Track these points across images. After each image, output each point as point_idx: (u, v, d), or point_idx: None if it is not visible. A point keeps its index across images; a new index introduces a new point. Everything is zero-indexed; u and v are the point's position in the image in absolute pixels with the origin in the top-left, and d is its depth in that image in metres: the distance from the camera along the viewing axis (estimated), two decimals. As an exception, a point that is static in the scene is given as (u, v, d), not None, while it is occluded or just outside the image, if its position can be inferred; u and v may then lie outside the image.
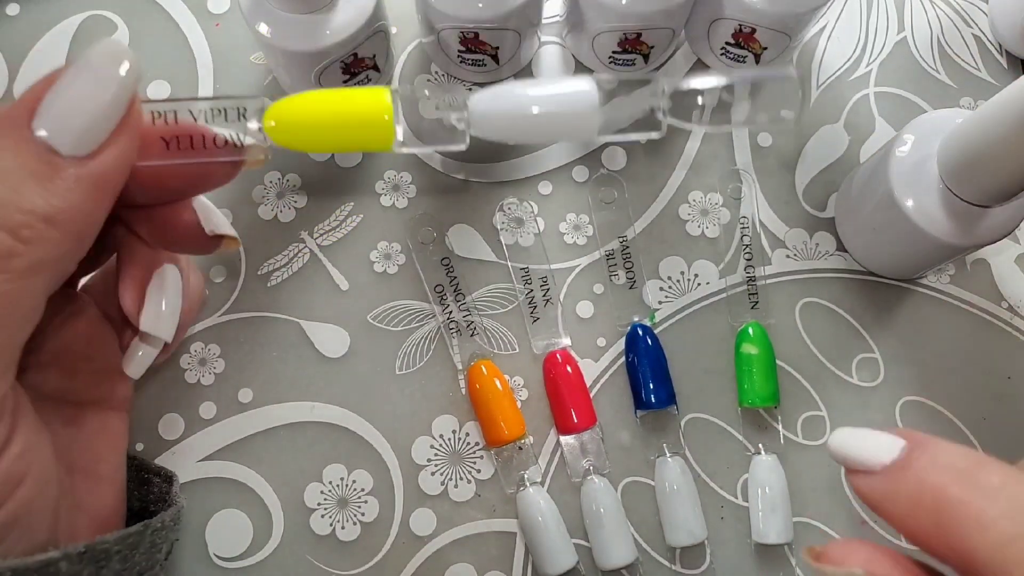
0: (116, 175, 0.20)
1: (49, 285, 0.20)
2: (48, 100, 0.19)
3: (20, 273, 0.19)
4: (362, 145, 0.22)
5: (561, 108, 0.22)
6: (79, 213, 0.20)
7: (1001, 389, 0.37)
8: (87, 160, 0.20)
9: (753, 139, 0.40)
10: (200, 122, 0.22)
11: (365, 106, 0.22)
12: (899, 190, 0.32)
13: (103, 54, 0.20)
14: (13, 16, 0.41)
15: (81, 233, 0.20)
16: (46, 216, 0.19)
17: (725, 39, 0.38)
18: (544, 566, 0.33)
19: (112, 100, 0.20)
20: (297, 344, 0.37)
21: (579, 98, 0.22)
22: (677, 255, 0.38)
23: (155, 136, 0.22)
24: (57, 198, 0.19)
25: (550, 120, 0.22)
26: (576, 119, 0.22)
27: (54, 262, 0.20)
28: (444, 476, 0.35)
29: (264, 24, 0.34)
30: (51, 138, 0.19)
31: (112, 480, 0.27)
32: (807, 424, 0.36)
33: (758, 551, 0.35)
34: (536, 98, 0.22)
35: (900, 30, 0.42)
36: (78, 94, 0.20)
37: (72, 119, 0.19)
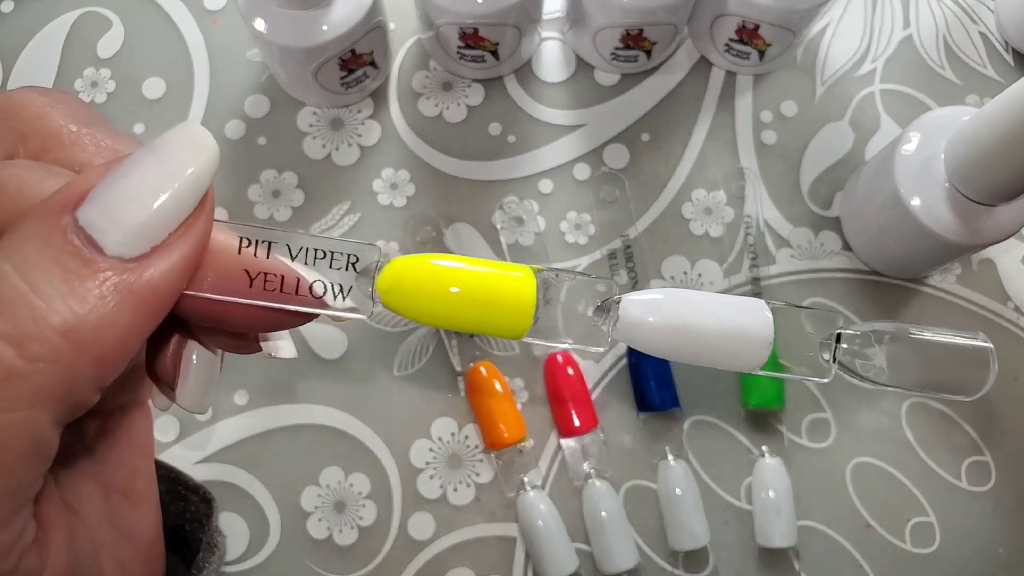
0: (166, 291, 0.16)
1: (59, 416, 0.16)
2: (105, 183, 0.15)
3: (19, 403, 0.15)
4: (489, 331, 0.19)
5: (731, 338, 0.19)
6: (109, 329, 0.15)
7: (1007, 390, 0.36)
8: (133, 264, 0.15)
9: (757, 137, 0.39)
10: (298, 262, 0.18)
11: (509, 293, 0.19)
12: (905, 189, 0.32)
13: (179, 138, 0.16)
14: (7, 13, 0.41)
15: (107, 358, 0.15)
16: (65, 328, 0.15)
17: (728, 35, 0.37)
18: (545, 571, 0.33)
19: (181, 196, 0.16)
20: (294, 346, 0.36)
21: (753, 329, 0.19)
22: (680, 254, 0.38)
23: (239, 268, 0.18)
24: (84, 306, 0.15)
25: (712, 348, 0.19)
26: (745, 351, 0.19)
27: (65, 388, 0.15)
28: (443, 480, 0.35)
29: (261, 20, 0.33)
30: (94, 227, 0.15)
31: (149, 495, 0.23)
32: (812, 427, 0.36)
33: (762, 555, 0.34)
34: (708, 316, 0.19)
35: (905, 27, 0.42)
36: (139, 180, 0.16)
37: (125, 209, 0.15)
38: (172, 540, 0.28)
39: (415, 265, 0.19)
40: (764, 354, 0.19)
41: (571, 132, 0.39)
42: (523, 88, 0.40)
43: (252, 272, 0.18)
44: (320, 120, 0.39)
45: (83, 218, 0.15)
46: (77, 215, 0.15)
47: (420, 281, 0.19)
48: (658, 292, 0.19)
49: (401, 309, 0.19)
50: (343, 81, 0.37)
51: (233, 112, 0.39)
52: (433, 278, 0.18)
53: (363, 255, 0.19)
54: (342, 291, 0.18)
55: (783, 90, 0.40)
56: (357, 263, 0.18)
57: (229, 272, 0.18)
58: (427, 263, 0.19)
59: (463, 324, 0.19)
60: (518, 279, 0.19)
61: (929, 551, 0.35)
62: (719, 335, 0.18)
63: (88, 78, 0.40)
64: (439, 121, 0.39)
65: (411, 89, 0.40)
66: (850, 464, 0.35)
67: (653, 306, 0.19)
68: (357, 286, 0.18)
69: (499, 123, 0.39)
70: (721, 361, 0.19)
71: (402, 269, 0.19)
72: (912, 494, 0.35)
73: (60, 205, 0.15)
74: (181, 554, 0.28)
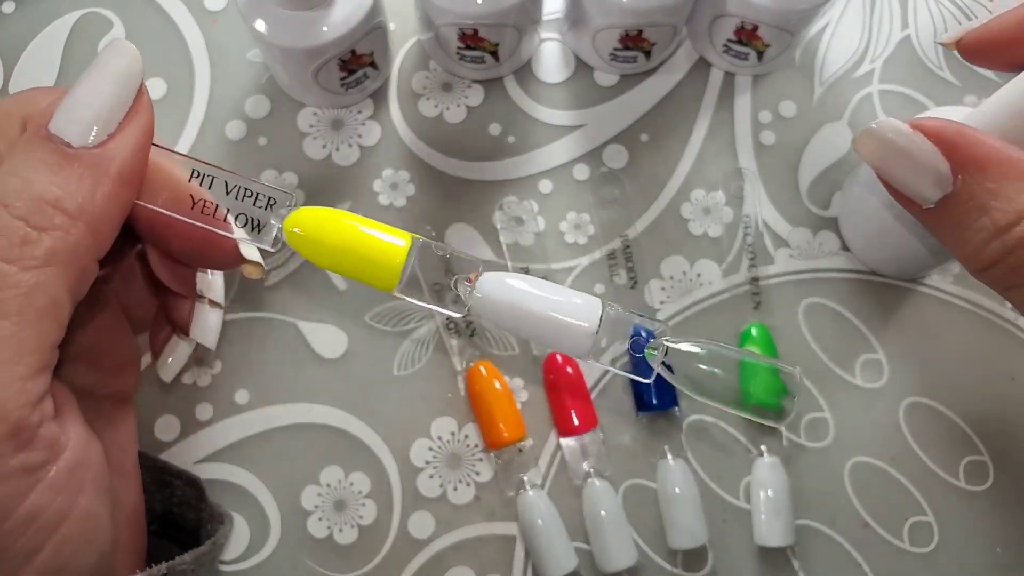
0: (128, 163, 0.21)
1: (68, 280, 0.20)
2: (64, 101, 0.21)
3: (34, 261, 0.19)
4: (366, 279, 0.23)
5: (560, 319, 0.22)
6: (91, 200, 0.20)
7: (1005, 390, 0.36)
8: (96, 149, 0.20)
9: (756, 137, 0.39)
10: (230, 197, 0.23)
11: (382, 248, 0.22)
12: None
13: (108, 50, 0.21)
14: (8, 14, 0.41)
15: (95, 222, 0.20)
16: (56, 202, 0.19)
17: (727, 36, 0.38)
18: (544, 570, 0.33)
19: (117, 90, 0.21)
20: (294, 345, 0.36)
21: (581, 315, 0.22)
22: (679, 254, 0.38)
23: (186, 192, 0.23)
24: (68, 186, 0.20)
25: (545, 327, 0.22)
26: (569, 337, 0.22)
27: (70, 253, 0.20)
28: (443, 479, 0.35)
29: (261, 21, 0.33)
30: (63, 131, 0.20)
31: (135, 474, 0.27)
32: (810, 426, 0.36)
33: (760, 554, 0.34)
34: (541, 301, 0.22)
35: (904, 28, 0.42)
36: (86, 89, 0.21)
37: (80, 112, 0.20)
38: (163, 526, 0.30)
39: (315, 215, 0.22)
40: (587, 342, 0.22)
41: (570, 132, 0.39)
42: (523, 89, 0.40)
43: (195, 198, 0.23)
44: (320, 121, 0.39)
45: (53, 127, 0.20)
46: (49, 127, 0.20)
47: (316, 228, 0.22)
48: (513, 276, 0.23)
49: (299, 248, 0.23)
50: (343, 82, 0.37)
51: (234, 113, 0.39)
52: (326, 228, 0.22)
53: (280, 199, 0.23)
54: (258, 225, 0.23)
55: (782, 91, 0.40)
56: (274, 205, 0.23)
57: (178, 194, 0.23)
58: (324, 215, 0.23)
59: (345, 271, 0.23)
60: (394, 245, 0.22)
61: (927, 550, 0.35)
62: (550, 319, 0.22)
63: (89, 79, 0.40)
64: (439, 122, 0.39)
65: (411, 90, 0.40)
66: (848, 463, 0.35)
67: (503, 285, 0.22)
68: (270, 222, 0.23)
69: (499, 123, 0.39)
70: (552, 340, 0.22)
71: (305, 216, 0.22)
72: (910, 493, 0.35)
73: (37, 124, 0.20)
74: (173, 538, 0.30)
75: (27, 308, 0.19)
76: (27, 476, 0.19)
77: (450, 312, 0.23)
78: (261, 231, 0.23)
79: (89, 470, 0.21)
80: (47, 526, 0.20)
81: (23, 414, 0.19)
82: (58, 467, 0.20)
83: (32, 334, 0.19)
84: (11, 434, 0.19)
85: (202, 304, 0.29)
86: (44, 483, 0.20)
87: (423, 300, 0.23)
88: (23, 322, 0.19)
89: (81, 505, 0.21)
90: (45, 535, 0.20)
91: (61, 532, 0.20)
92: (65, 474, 0.20)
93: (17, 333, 0.19)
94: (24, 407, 0.19)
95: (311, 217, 0.23)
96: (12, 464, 0.19)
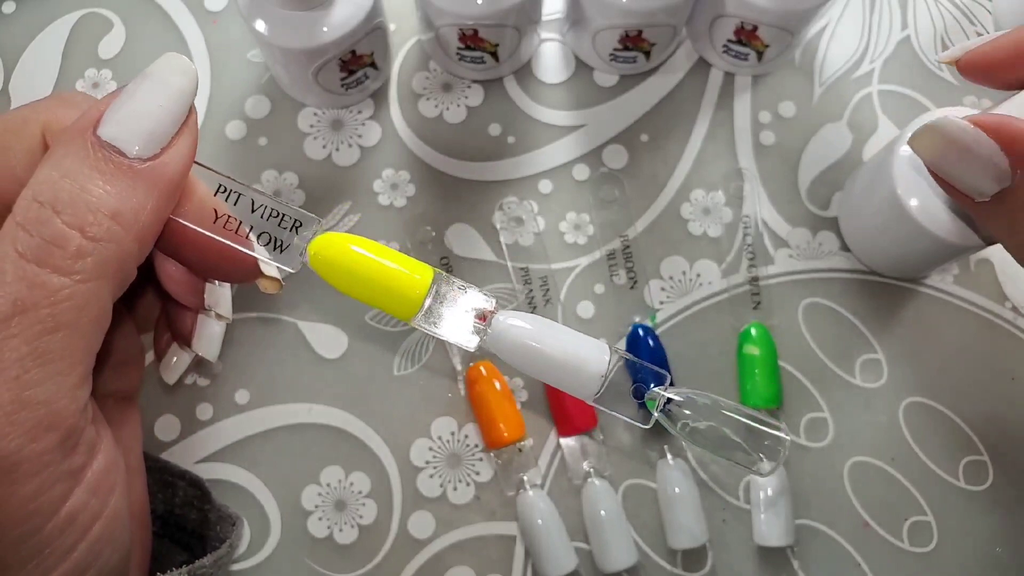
0: (177, 177, 0.21)
1: (115, 289, 0.20)
2: (113, 108, 0.20)
3: (89, 274, 0.19)
4: (384, 307, 0.23)
5: (570, 362, 0.23)
6: (142, 212, 0.20)
7: (1005, 390, 0.37)
8: (149, 161, 0.20)
9: (755, 138, 0.39)
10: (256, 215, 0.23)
11: (404, 280, 0.23)
12: (903, 189, 0.32)
13: (166, 65, 0.21)
14: (9, 14, 0.41)
15: (143, 233, 0.20)
16: (113, 212, 0.19)
17: (727, 36, 0.38)
18: (544, 569, 0.33)
19: (173, 106, 0.21)
20: (294, 345, 0.36)
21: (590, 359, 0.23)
22: (679, 255, 0.38)
23: (211, 206, 0.23)
24: (122, 195, 0.20)
25: (555, 369, 0.23)
26: (579, 379, 0.23)
27: (119, 264, 0.20)
28: (443, 479, 0.35)
29: (261, 21, 0.33)
30: (116, 140, 0.20)
31: (140, 472, 0.27)
32: (810, 426, 0.36)
33: (760, 554, 0.35)
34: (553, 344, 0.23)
35: (903, 28, 0.42)
36: (142, 100, 0.21)
37: (136, 123, 0.20)
38: (164, 526, 0.30)
39: (341, 242, 0.23)
40: (595, 384, 0.23)
41: (570, 133, 0.39)
42: (523, 89, 0.40)
43: (219, 213, 0.23)
44: (321, 121, 0.39)
45: (105, 134, 0.20)
46: (99, 133, 0.20)
47: (341, 255, 0.23)
48: (526, 319, 0.23)
49: (322, 272, 0.23)
50: (343, 82, 0.37)
51: (234, 113, 0.39)
52: (351, 256, 0.23)
53: (306, 222, 0.23)
54: (280, 245, 0.23)
55: (781, 91, 0.40)
56: (300, 227, 0.23)
57: (202, 207, 0.23)
58: (346, 246, 0.23)
59: (366, 299, 0.23)
60: (414, 278, 0.23)
61: (927, 550, 0.35)
62: (561, 361, 0.23)
63: (90, 79, 0.40)
64: (439, 122, 0.40)
65: (411, 90, 0.40)
66: (848, 463, 0.36)
67: (517, 327, 0.23)
68: (293, 245, 0.23)
69: (499, 124, 0.40)
70: (562, 381, 0.23)
71: (331, 241, 0.23)
72: (910, 493, 0.35)
73: (82, 127, 0.20)
74: (175, 539, 0.30)
75: (80, 320, 0.19)
76: (71, 478, 0.20)
77: (463, 345, 0.23)
78: (284, 251, 0.23)
79: (120, 471, 0.22)
80: (83, 526, 0.20)
81: (75, 421, 0.19)
82: (94, 469, 0.20)
83: (82, 344, 0.20)
84: (64, 440, 0.19)
85: (208, 316, 0.29)
86: (83, 485, 0.20)
87: (439, 331, 0.24)
88: (75, 333, 0.19)
89: (111, 505, 0.21)
90: (81, 534, 0.20)
91: (94, 531, 0.20)
92: (100, 475, 0.21)
93: (70, 344, 0.19)
94: (75, 414, 0.19)
95: (337, 243, 0.23)
96: (62, 468, 0.19)
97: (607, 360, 0.23)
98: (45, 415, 0.19)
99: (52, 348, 0.19)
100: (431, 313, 0.23)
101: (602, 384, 0.23)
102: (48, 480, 0.19)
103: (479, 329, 0.23)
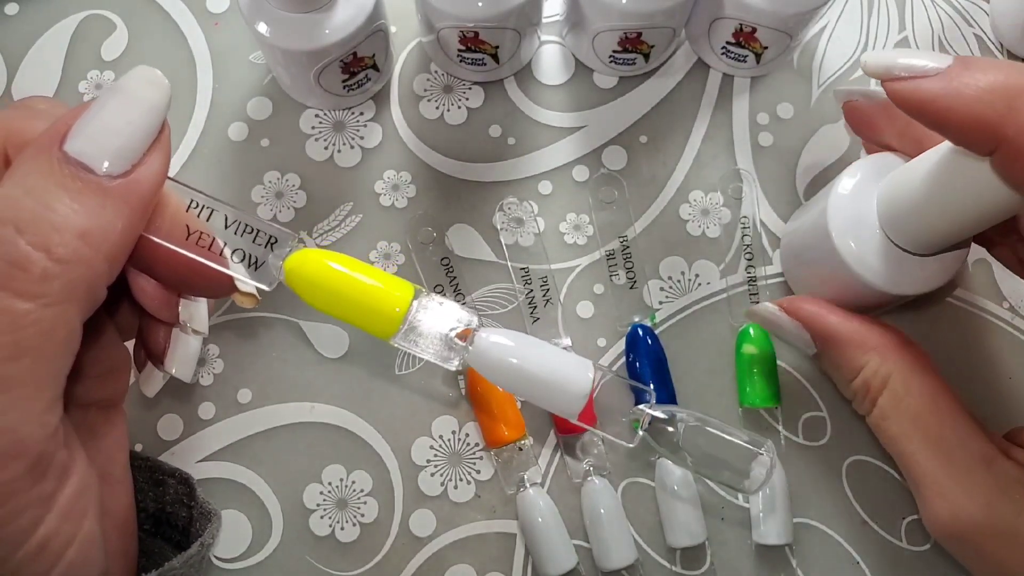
0: (149, 194, 0.20)
1: (83, 311, 0.19)
2: (81, 121, 0.19)
3: (55, 298, 0.18)
4: (363, 326, 0.22)
5: (551, 383, 0.22)
6: (112, 231, 0.19)
7: (1002, 389, 0.37)
8: (119, 178, 0.19)
9: (754, 139, 0.40)
10: (229, 231, 0.23)
11: (383, 298, 0.22)
12: (837, 232, 0.31)
13: (137, 78, 0.20)
14: (12, 16, 0.41)
15: (112, 253, 0.19)
16: (80, 232, 0.18)
17: (726, 38, 0.38)
18: (544, 567, 0.33)
19: (145, 121, 0.20)
20: (296, 344, 0.37)
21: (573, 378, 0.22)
22: (678, 255, 0.38)
23: (183, 222, 0.22)
24: (90, 214, 0.19)
25: (538, 388, 0.22)
26: (562, 398, 0.22)
27: (88, 285, 0.19)
28: (444, 477, 0.35)
29: (263, 23, 0.34)
30: (84, 156, 0.19)
31: (124, 481, 0.27)
32: (808, 425, 0.36)
33: (758, 552, 0.35)
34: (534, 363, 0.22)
35: (901, 29, 0.42)
36: (112, 115, 0.20)
37: (106, 138, 0.19)
38: (156, 524, 0.30)
39: (318, 259, 0.22)
40: (580, 403, 0.22)
41: (570, 134, 0.40)
42: (523, 91, 0.40)
43: (191, 229, 0.22)
44: (323, 122, 0.40)
45: (72, 150, 0.19)
46: (65, 149, 0.19)
47: (318, 272, 0.22)
48: (508, 336, 0.23)
49: (298, 291, 0.22)
50: (345, 84, 0.37)
51: (236, 114, 0.40)
52: (327, 274, 0.22)
53: (282, 239, 0.22)
54: (255, 263, 0.23)
55: (780, 92, 0.40)
56: (275, 244, 0.22)
57: (176, 223, 0.22)
58: (323, 262, 0.22)
59: (343, 317, 0.22)
60: (394, 295, 0.22)
61: (924, 548, 0.35)
62: (544, 379, 0.22)
63: (92, 80, 0.40)
64: (440, 123, 0.40)
65: (412, 92, 0.40)
66: (846, 462, 0.36)
67: (499, 345, 0.22)
68: (269, 261, 0.22)
69: (499, 125, 0.40)
70: (545, 400, 0.23)
71: (304, 260, 0.22)
72: (907, 492, 0.35)
73: (48, 142, 0.19)
74: (167, 537, 0.30)
75: (46, 345, 0.18)
76: (41, 505, 0.19)
77: (446, 366, 0.23)
78: (259, 268, 0.23)
79: (93, 492, 0.21)
80: (55, 553, 0.20)
81: (44, 447, 0.19)
82: (66, 494, 0.20)
83: (49, 369, 0.19)
84: (33, 466, 0.19)
85: (183, 333, 0.28)
86: (54, 511, 0.20)
87: (420, 350, 0.23)
88: (41, 359, 0.18)
89: (85, 529, 0.21)
90: (53, 561, 0.20)
91: (67, 557, 0.20)
92: (73, 500, 0.20)
93: (35, 370, 0.18)
94: (43, 441, 0.19)
95: (313, 260, 0.22)
96: (32, 495, 0.19)
97: (591, 378, 0.22)
98: (11, 443, 0.18)
99: (16, 375, 0.18)
100: (412, 331, 0.22)
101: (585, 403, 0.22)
102: (17, 508, 0.19)
103: (460, 348, 0.22)
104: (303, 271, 0.22)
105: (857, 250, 0.31)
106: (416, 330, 0.22)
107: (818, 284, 0.34)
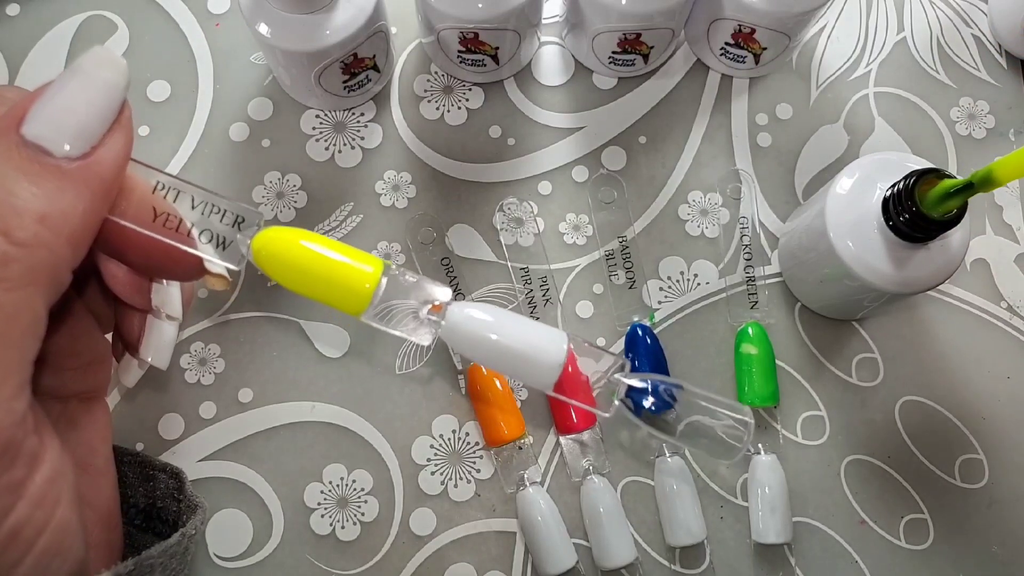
0: (111, 176, 0.20)
1: (48, 296, 0.19)
2: (38, 104, 0.19)
3: (17, 282, 0.18)
4: (333, 303, 0.22)
5: (526, 354, 0.22)
6: (73, 214, 0.19)
7: (1000, 389, 0.37)
8: (79, 160, 0.19)
9: (752, 139, 0.40)
10: (196, 211, 0.22)
11: (352, 274, 0.22)
12: (836, 233, 0.31)
13: (93, 59, 0.20)
14: (13, 16, 0.41)
15: (75, 236, 0.19)
16: (40, 216, 0.18)
17: (725, 39, 0.38)
18: (544, 566, 0.33)
19: (103, 101, 0.20)
20: (297, 344, 0.37)
21: (547, 349, 0.22)
22: (677, 255, 0.38)
23: (149, 204, 0.22)
24: (50, 197, 0.19)
25: (511, 360, 0.22)
26: (536, 369, 0.22)
27: (51, 270, 0.19)
28: (444, 476, 0.35)
29: (264, 24, 0.34)
30: (42, 139, 0.19)
31: (107, 472, 0.26)
32: (806, 424, 0.36)
33: (757, 551, 0.35)
34: (507, 335, 0.22)
35: (900, 30, 0.42)
36: (69, 96, 0.19)
37: (63, 120, 0.19)
38: (147, 519, 0.29)
39: (284, 236, 0.22)
40: (554, 374, 0.22)
41: (570, 135, 0.40)
42: (522, 91, 0.41)
43: (158, 211, 0.22)
44: (323, 123, 0.40)
45: (29, 133, 0.19)
46: (22, 133, 0.19)
47: (285, 250, 0.22)
48: (481, 308, 0.22)
49: (266, 269, 0.22)
50: (346, 84, 0.37)
51: (237, 115, 0.40)
52: (295, 251, 0.21)
53: (249, 218, 0.22)
54: (223, 243, 0.22)
55: (778, 93, 0.41)
56: (243, 223, 0.22)
57: (141, 206, 0.22)
58: (291, 239, 0.22)
59: (313, 294, 0.22)
60: (363, 271, 0.21)
61: (923, 547, 0.35)
62: (517, 351, 0.22)
63: (94, 81, 0.40)
64: (440, 124, 0.40)
65: (412, 92, 0.40)
66: (845, 461, 0.36)
67: (472, 318, 0.22)
68: (237, 241, 0.22)
69: (499, 126, 0.40)
70: (521, 372, 0.22)
71: (273, 237, 0.22)
72: (906, 491, 0.36)
73: (5, 126, 0.19)
74: (157, 532, 0.30)
75: (9, 331, 0.18)
76: (11, 493, 0.19)
77: (419, 341, 0.22)
78: (227, 248, 0.22)
79: (67, 480, 0.21)
80: (27, 540, 0.19)
81: (11, 434, 0.19)
82: (36, 481, 0.20)
83: (14, 355, 0.19)
84: (1, 454, 0.18)
85: (157, 319, 0.27)
86: (25, 499, 0.19)
87: (392, 327, 0.22)
88: (5, 344, 0.18)
89: (58, 516, 0.20)
90: (25, 549, 0.19)
91: (40, 544, 0.20)
92: (45, 487, 0.20)
93: (0, 356, 0.18)
94: (10, 427, 0.19)
95: (280, 238, 0.22)
96: (1, 483, 0.19)
97: (564, 349, 0.22)
98: None
99: None
100: (383, 307, 0.22)
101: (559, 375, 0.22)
102: None
103: (432, 321, 0.22)
104: (270, 249, 0.22)
105: (855, 250, 0.31)
106: (388, 306, 0.22)
107: (816, 284, 0.35)
